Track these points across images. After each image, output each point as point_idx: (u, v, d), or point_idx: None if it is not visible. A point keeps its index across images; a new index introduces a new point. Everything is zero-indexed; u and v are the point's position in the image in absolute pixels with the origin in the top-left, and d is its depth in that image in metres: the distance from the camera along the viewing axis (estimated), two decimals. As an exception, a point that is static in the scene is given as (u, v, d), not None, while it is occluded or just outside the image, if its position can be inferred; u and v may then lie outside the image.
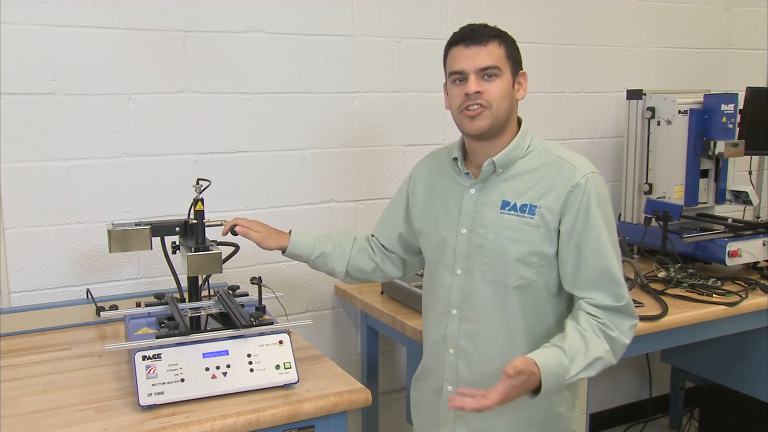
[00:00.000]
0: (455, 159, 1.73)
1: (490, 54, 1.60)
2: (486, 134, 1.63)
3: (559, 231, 1.61)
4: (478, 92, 1.59)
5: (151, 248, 2.02)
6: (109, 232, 1.97)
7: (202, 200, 1.97)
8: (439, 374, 1.76)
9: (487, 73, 1.60)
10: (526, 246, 1.61)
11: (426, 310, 1.83)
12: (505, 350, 1.65)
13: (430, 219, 1.79)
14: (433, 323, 1.78)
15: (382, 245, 1.97)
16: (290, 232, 1.95)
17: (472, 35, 1.62)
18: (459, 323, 1.70)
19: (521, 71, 1.67)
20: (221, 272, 1.94)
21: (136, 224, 2.01)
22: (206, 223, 1.99)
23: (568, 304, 1.70)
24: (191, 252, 1.88)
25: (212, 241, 1.99)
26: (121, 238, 1.97)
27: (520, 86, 1.66)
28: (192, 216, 1.98)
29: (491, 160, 1.64)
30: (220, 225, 1.97)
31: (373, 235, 2.00)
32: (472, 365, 1.69)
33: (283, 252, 1.94)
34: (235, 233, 1.93)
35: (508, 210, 1.63)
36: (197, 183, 1.98)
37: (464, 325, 1.69)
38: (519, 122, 1.70)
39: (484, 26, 1.64)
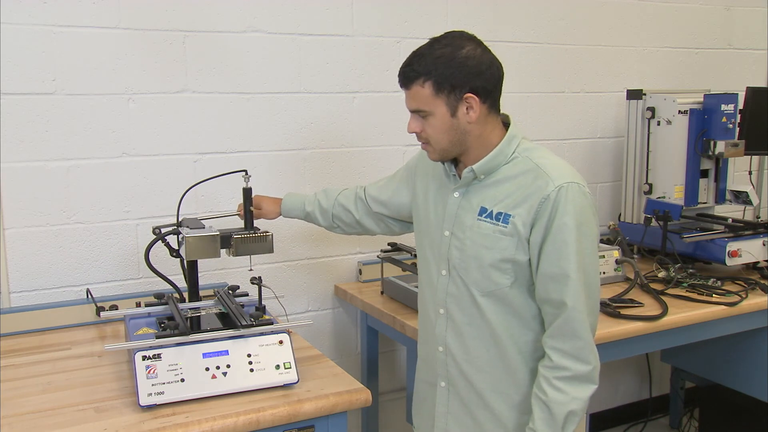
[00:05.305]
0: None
1: (413, 97, 1.61)
2: (446, 159, 1.67)
3: (529, 241, 1.57)
4: (414, 132, 1.65)
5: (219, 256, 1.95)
6: (186, 239, 1.87)
7: (251, 189, 2.06)
8: (433, 370, 1.79)
9: (417, 114, 1.63)
10: (500, 253, 1.60)
11: (420, 306, 1.86)
12: (490, 349, 1.66)
13: (423, 214, 1.80)
14: (424, 320, 1.82)
15: (370, 200, 2.04)
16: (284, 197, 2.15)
17: (400, 77, 1.64)
18: (446, 322, 1.72)
19: (466, 95, 1.55)
20: (272, 252, 2.04)
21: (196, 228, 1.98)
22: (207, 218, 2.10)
23: None
24: (239, 235, 1.96)
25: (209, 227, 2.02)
26: (199, 246, 1.90)
27: (470, 108, 1.57)
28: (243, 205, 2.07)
29: (471, 168, 1.64)
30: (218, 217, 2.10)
31: (365, 189, 2.07)
32: (458, 363, 1.71)
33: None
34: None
35: (485, 217, 1.62)
36: (245, 173, 2.05)
37: (450, 324, 1.71)
38: (508, 124, 1.66)
39: (410, 63, 1.61)
